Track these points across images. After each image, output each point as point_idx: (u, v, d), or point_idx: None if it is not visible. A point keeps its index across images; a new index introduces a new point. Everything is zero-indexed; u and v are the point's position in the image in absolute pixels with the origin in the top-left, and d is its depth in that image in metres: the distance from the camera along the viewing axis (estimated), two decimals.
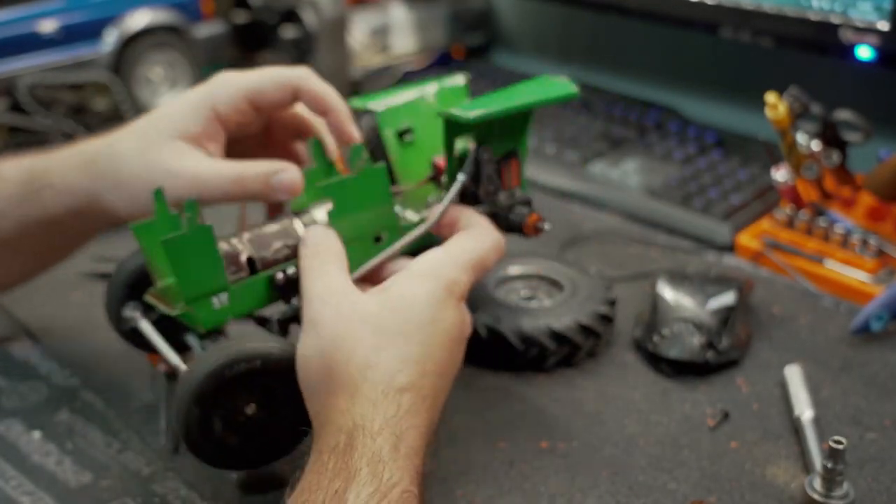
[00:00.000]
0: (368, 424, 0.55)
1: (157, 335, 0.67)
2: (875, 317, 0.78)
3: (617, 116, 1.16)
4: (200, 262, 0.60)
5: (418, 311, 0.60)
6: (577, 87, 0.69)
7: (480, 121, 0.64)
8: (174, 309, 0.63)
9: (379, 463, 0.53)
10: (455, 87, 0.77)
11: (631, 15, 1.14)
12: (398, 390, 0.57)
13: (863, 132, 0.88)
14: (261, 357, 0.58)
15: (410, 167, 0.74)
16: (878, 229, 0.89)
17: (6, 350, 0.79)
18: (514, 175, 0.70)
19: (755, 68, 1.15)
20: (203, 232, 0.60)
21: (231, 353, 0.58)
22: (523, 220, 0.68)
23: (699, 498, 0.63)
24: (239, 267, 0.64)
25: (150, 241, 0.64)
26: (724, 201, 0.96)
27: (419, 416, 0.57)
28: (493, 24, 1.43)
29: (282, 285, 0.64)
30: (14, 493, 0.64)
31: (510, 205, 0.68)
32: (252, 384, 0.59)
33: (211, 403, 0.58)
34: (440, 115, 0.66)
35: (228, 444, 0.60)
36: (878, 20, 0.91)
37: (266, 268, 0.64)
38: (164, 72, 1.18)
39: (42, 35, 1.08)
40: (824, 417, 0.70)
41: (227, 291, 0.62)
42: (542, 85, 0.70)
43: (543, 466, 0.66)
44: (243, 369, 0.58)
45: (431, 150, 0.74)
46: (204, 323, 0.62)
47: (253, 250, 0.64)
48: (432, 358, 0.59)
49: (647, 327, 0.77)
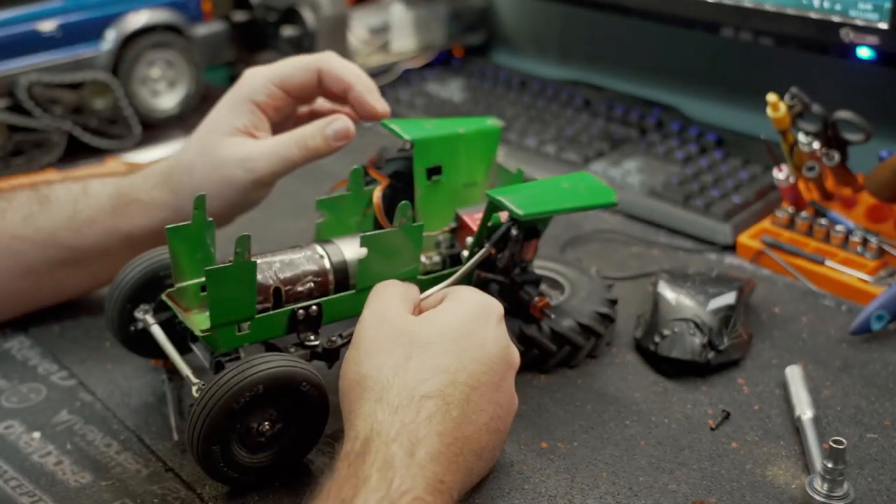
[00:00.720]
0: (385, 430, 0.54)
1: (167, 341, 0.68)
2: (875, 317, 0.78)
3: (618, 116, 1.16)
4: (237, 293, 0.62)
5: (455, 325, 0.60)
6: (617, 196, 0.72)
7: (529, 217, 0.67)
8: (192, 322, 0.65)
9: (390, 469, 0.52)
10: (491, 130, 0.78)
11: (631, 14, 1.13)
12: (422, 397, 0.56)
13: (863, 132, 0.87)
14: (262, 382, 0.59)
15: (433, 207, 0.76)
16: (879, 229, 0.89)
17: (6, 350, 0.79)
18: (532, 250, 0.72)
19: (756, 68, 1.15)
20: (246, 267, 0.62)
21: (234, 386, 0.58)
22: (531, 301, 0.72)
23: (700, 498, 0.63)
24: (265, 297, 0.65)
25: (181, 244, 0.66)
26: (725, 201, 0.96)
27: (443, 424, 0.56)
28: (493, 22, 1.43)
29: (301, 320, 0.66)
30: (14, 493, 0.64)
31: (521, 282, 0.72)
32: (261, 406, 0.60)
33: (225, 436, 0.59)
34: (489, 197, 0.68)
35: (253, 463, 0.62)
36: (878, 20, 0.91)
37: (289, 301, 0.66)
38: (163, 71, 1.18)
39: (42, 35, 1.08)
40: (825, 417, 0.70)
41: (252, 320, 0.64)
42: (585, 185, 0.72)
43: (544, 466, 0.65)
44: (248, 398, 0.59)
45: (456, 193, 0.77)
46: (223, 346, 0.63)
47: (281, 282, 0.66)
48: (465, 369, 0.59)
49: (648, 327, 0.77)
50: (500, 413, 0.61)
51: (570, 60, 1.36)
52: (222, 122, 0.76)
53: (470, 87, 1.27)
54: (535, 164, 1.07)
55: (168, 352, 0.67)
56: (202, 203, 0.66)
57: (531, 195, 0.69)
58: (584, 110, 1.19)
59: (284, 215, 0.98)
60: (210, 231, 0.67)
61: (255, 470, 0.62)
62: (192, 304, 0.67)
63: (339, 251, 0.69)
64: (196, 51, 1.19)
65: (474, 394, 0.59)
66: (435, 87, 1.28)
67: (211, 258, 0.68)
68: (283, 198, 1.04)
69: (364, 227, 0.75)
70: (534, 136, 1.11)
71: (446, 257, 0.74)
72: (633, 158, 1.07)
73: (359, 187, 0.74)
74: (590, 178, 0.73)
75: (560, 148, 1.09)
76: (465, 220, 0.74)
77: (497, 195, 0.68)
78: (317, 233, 0.74)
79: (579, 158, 1.07)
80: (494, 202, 0.68)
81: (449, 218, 0.76)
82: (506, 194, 0.68)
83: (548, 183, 0.72)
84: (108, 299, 0.71)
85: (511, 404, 0.63)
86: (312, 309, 0.66)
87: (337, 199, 0.74)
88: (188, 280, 0.67)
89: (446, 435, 0.56)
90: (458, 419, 0.57)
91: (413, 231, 0.67)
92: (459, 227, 0.75)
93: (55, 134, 1.06)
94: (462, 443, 0.57)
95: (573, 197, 0.71)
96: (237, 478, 0.62)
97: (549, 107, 1.20)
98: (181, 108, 1.19)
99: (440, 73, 1.33)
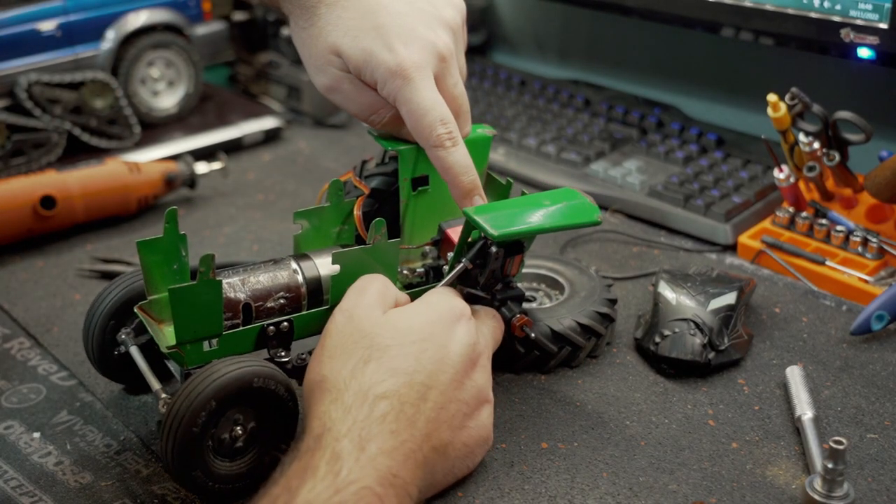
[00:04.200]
0: (337, 427, 0.55)
1: (140, 355, 0.68)
2: (876, 317, 0.78)
3: (618, 116, 1.16)
4: (202, 311, 0.62)
5: (417, 327, 0.61)
6: (600, 215, 0.70)
7: (504, 238, 0.66)
8: (162, 336, 0.65)
9: (338, 461, 0.53)
10: (482, 138, 0.77)
11: (631, 14, 1.13)
12: (377, 397, 0.57)
13: (863, 132, 0.87)
14: (213, 397, 0.58)
15: (418, 218, 0.76)
16: (879, 229, 0.89)
17: (6, 350, 0.79)
18: (516, 266, 0.72)
19: (756, 68, 1.15)
20: (211, 286, 0.61)
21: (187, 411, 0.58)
22: (512, 318, 0.71)
23: (700, 499, 0.63)
24: (235, 313, 0.65)
25: (152, 257, 0.66)
26: (726, 201, 0.96)
27: (397, 422, 0.57)
28: (493, 22, 1.43)
29: (271, 336, 0.65)
30: (14, 493, 0.64)
31: (503, 298, 0.71)
32: (223, 416, 0.60)
33: (200, 458, 0.59)
34: (465, 215, 0.68)
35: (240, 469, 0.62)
36: (878, 20, 0.91)
37: (260, 317, 0.66)
38: (163, 71, 1.18)
39: (42, 35, 1.08)
40: (825, 418, 0.70)
41: (219, 337, 0.64)
42: (568, 203, 0.71)
43: (544, 467, 0.65)
44: (205, 417, 0.58)
45: (443, 205, 0.75)
46: (189, 363, 0.63)
47: (251, 298, 0.66)
48: (424, 370, 0.60)
49: (649, 327, 0.77)
50: (466, 410, 0.62)
51: (570, 60, 1.36)
52: None
53: (470, 86, 1.27)
54: (535, 164, 1.07)
55: (140, 367, 0.67)
56: (174, 216, 0.66)
57: (509, 214, 0.68)
58: (584, 110, 1.19)
59: (284, 215, 0.98)
60: (183, 244, 0.67)
61: (244, 474, 0.62)
62: (165, 315, 0.67)
63: (313, 266, 0.68)
64: (196, 51, 1.19)
65: (432, 393, 0.60)
66: None
67: (185, 270, 0.67)
68: (283, 198, 1.05)
69: (345, 237, 0.75)
70: (534, 136, 1.11)
71: (430, 269, 0.74)
72: (633, 158, 1.07)
73: (338, 199, 0.74)
74: (574, 195, 0.72)
75: (560, 148, 1.08)
76: (449, 234, 0.73)
77: (473, 214, 0.67)
78: (295, 245, 0.73)
79: (579, 158, 1.06)
80: (470, 221, 0.67)
81: (437, 228, 0.75)
82: (482, 213, 0.67)
83: (529, 200, 0.71)
84: (86, 328, 0.70)
85: (477, 401, 0.63)
86: (283, 325, 0.65)
87: (315, 210, 0.73)
88: (161, 292, 0.67)
89: (400, 432, 0.57)
90: (414, 417, 0.58)
91: (387, 248, 0.67)
92: (443, 241, 0.74)
93: (55, 134, 1.06)
94: (420, 440, 0.58)
95: (553, 216, 0.69)
96: (232, 488, 0.62)
97: (549, 107, 1.20)
98: (181, 108, 1.19)
99: None
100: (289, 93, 1.25)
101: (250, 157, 1.15)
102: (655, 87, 1.24)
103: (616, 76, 1.29)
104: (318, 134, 1.21)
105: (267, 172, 1.11)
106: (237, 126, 1.17)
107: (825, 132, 0.89)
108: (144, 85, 1.16)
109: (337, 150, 1.17)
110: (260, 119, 1.19)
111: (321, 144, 1.18)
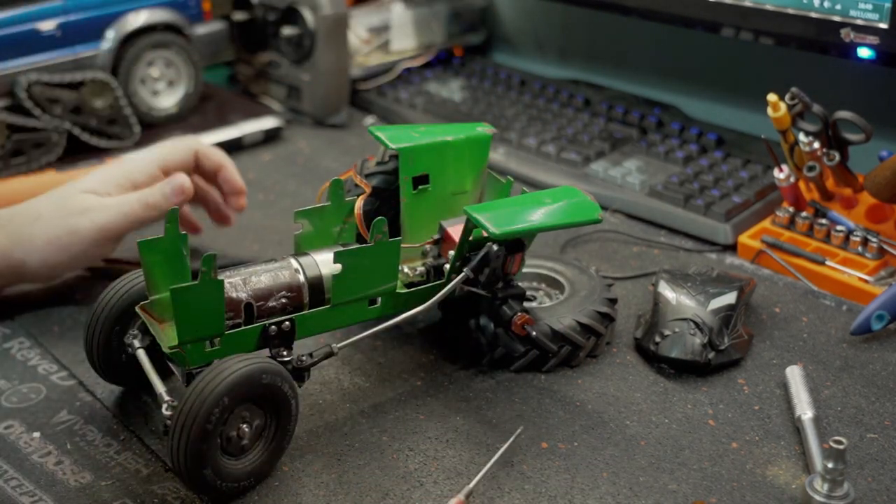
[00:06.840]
0: None
1: (146, 357, 0.68)
2: (876, 317, 0.78)
3: (618, 116, 1.16)
4: (204, 311, 0.62)
5: None
6: (601, 213, 0.71)
7: (505, 236, 0.66)
8: (164, 336, 0.65)
9: None
10: (481, 137, 0.77)
11: (631, 14, 1.13)
12: None
13: (863, 132, 0.87)
14: (225, 394, 0.59)
15: (419, 217, 0.76)
16: (879, 229, 0.89)
17: (6, 350, 0.79)
18: (517, 264, 0.72)
19: (756, 68, 1.15)
20: (212, 285, 0.61)
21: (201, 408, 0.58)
22: (512, 317, 0.71)
23: (700, 498, 0.63)
24: (237, 313, 0.65)
25: (153, 258, 0.66)
26: (726, 201, 0.96)
27: None
28: (493, 22, 1.43)
29: (273, 336, 0.65)
30: (14, 493, 0.64)
31: (504, 297, 0.72)
32: (232, 414, 0.61)
33: (211, 457, 0.59)
34: (466, 213, 0.68)
35: (247, 467, 0.62)
36: (878, 20, 0.91)
37: (262, 316, 0.66)
38: (163, 71, 1.18)
39: (42, 34, 1.08)
40: (825, 417, 0.70)
41: (221, 336, 0.64)
42: (569, 201, 0.71)
43: (544, 467, 0.65)
44: (218, 414, 0.59)
45: (444, 202, 0.76)
46: (191, 363, 0.63)
47: (253, 297, 0.65)
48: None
49: (649, 327, 0.77)
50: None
51: (570, 60, 1.36)
52: (86, 184, 0.83)
53: (470, 86, 1.27)
54: (535, 164, 1.07)
55: (147, 370, 0.67)
56: (175, 217, 0.66)
57: (509, 212, 0.68)
58: (584, 110, 1.19)
59: (285, 215, 0.98)
60: (184, 243, 0.66)
61: (252, 472, 0.62)
62: (167, 315, 0.67)
63: (314, 265, 0.68)
64: (196, 50, 1.19)
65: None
66: (435, 87, 1.28)
67: (186, 270, 0.67)
68: (282, 198, 1.05)
69: (346, 236, 0.75)
70: (534, 136, 1.11)
71: (431, 268, 0.73)
72: (633, 158, 1.07)
73: (339, 198, 0.74)
74: (575, 193, 0.72)
75: (560, 148, 1.08)
76: (449, 233, 0.73)
77: (474, 212, 0.67)
78: (295, 244, 0.73)
79: (579, 158, 1.06)
80: (471, 220, 0.67)
81: (437, 227, 0.75)
82: (483, 211, 0.67)
83: (529, 198, 0.71)
84: (88, 334, 0.70)
85: None
86: (285, 325, 0.65)
87: (316, 209, 0.73)
88: (162, 292, 0.66)
89: None
90: None
91: (389, 247, 0.67)
92: (443, 240, 0.74)
93: (55, 133, 1.06)
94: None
95: (553, 214, 0.69)
96: (238, 486, 0.62)
97: (549, 106, 1.20)
98: (181, 108, 1.19)
99: (440, 72, 1.33)
100: (289, 93, 1.26)
101: (250, 157, 1.15)
102: (655, 87, 1.24)
103: (616, 76, 1.29)
104: (318, 134, 1.21)
105: (267, 172, 1.11)
106: (237, 126, 1.17)
107: (825, 132, 0.89)
108: (144, 85, 1.16)
109: (337, 149, 1.17)
110: (260, 119, 1.19)
111: (321, 144, 1.18)
